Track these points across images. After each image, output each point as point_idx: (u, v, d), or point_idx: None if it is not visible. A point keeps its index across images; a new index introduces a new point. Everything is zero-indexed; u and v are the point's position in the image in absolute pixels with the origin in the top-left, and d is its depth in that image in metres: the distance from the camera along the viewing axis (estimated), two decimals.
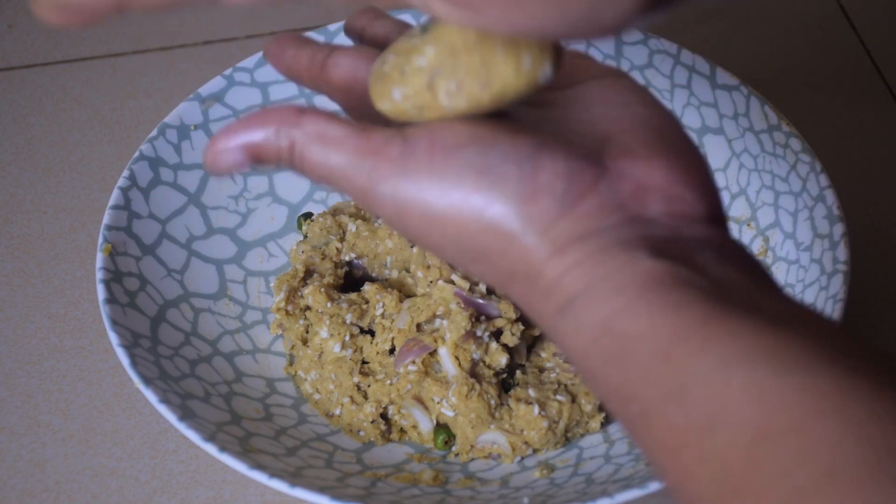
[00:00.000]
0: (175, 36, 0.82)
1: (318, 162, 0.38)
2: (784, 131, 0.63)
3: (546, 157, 0.36)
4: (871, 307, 0.67)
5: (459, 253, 0.37)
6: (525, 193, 0.35)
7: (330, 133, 0.37)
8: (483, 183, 0.36)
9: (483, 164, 0.36)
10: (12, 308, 0.67)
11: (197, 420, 0.54)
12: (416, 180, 0.36)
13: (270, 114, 0.38)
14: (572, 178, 0.36)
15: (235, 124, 0.38)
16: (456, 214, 0.36)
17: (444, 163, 0.36)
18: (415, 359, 0.59)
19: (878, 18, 0.83)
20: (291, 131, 0.38)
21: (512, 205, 0.35)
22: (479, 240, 0.36)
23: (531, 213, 0.35)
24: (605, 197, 0.36)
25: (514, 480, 0.57)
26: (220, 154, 0.38)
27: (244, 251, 0.66)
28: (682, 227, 0.36)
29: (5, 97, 0.78)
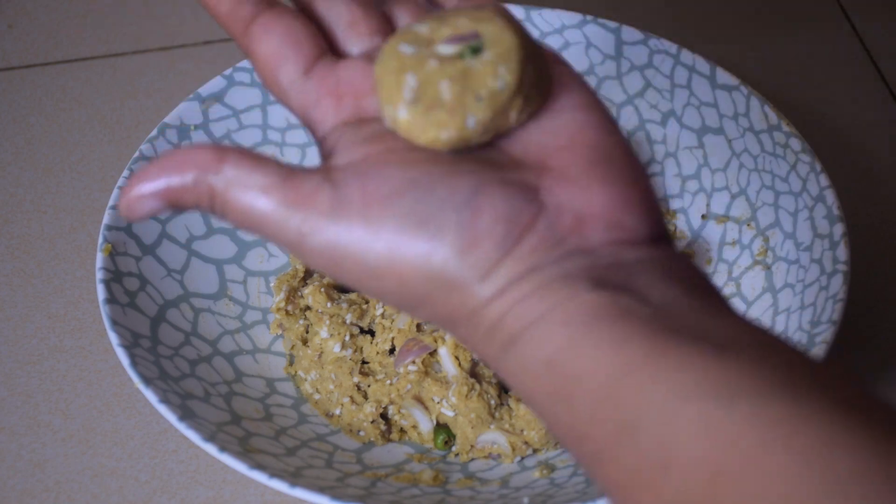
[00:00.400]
0: (175, 36, 0.82)
1: (243, 211, 0.36)
2: (784, 131, 0.63)
3: (484, 201, 0.35)
4: (871, 307, 0.67)
5: (399, 300, 0.36)
6: (465, 241, 0.34)
7: (253, 182, 0.35)
8: (423, 234, 0.34)
9: (422, 214, 0.34)
10: (12, 308, 0.67)
11: (197, 420, 0.54)
12: (350, 231, 0.35)
13: (188, 157, 0.36)
14: (511, 221, 0.35)
15: (151, 168, 0.36)
16: (394, 265, 0.35)
17: (380, 214, 0.35)
18: (415, 359, 0.59)
19: (878, 18, 0.83)
20: (210, 179, 0.35)
21: (453, 254, 0.34)
22: (418, 289, 0.35)
23: (472, 260, 0.34)
24: (545, 235, 0.35)
25: (514, 480, 0.57)
26: (134, 201, 0.36)
27: (244, 251, 0.66)
28: (623, 252, 0.35)
29: (5, 97, 0.78)
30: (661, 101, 0.68)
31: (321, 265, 0.36)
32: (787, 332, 0.58)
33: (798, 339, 0.57)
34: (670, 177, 0.68)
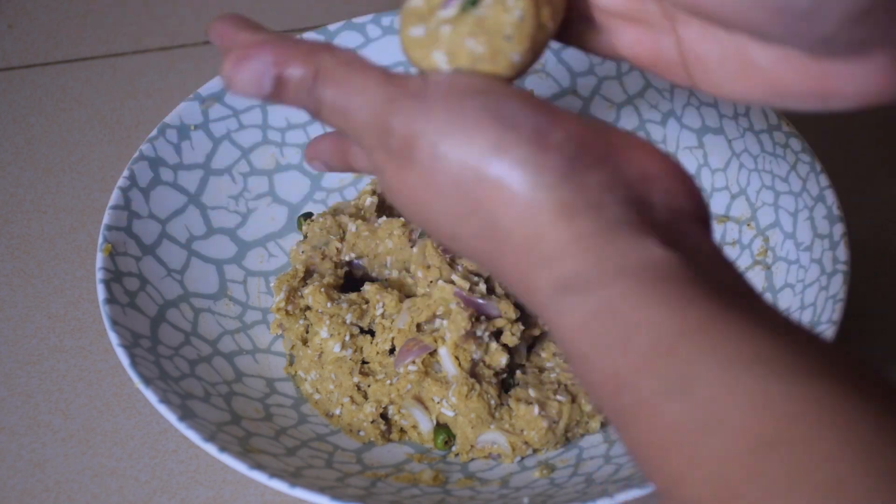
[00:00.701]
0: (175, 36, 0.82)
1: (340, 83, 0.37)
2: (784, 131, 0.63)
3: (560, 121, 0.36)
4: (871, 307, 0.67)
5: (460, 202, 0.36)
6: (538, 144, 0.35)
7: (357, 62, 0.37)
8: (499, 126, 0.35)
9: (500, 111, 0.35)
10: (12, 308, 0.67)
11: (197, 420, 0.54)
12: (430, 115, 0.36)
13: (301, 42, 0.38)
14: (583, 145, 0.35)
15: (267, 42, 0.38)
16: (468, 153, 0.35)
17: (461, 104, 0.36)
18: (415, 359, 0.59)
19: None
20: (320, 54, 0.37)
21: (525, 151, 0.35)
22: (482, 186, 0.35)
23: (542, 163, 0.35)
24: (613, 172, 0.35)
25: (514, 480, 0.57)
26: (244, 62, 0.38)
27: (244, 251, 0.66)
28: (680, 222, 0.36)
29: (5, 97, 0.78)
30: (661, 101, 0.68)
31: (395, 151, 0.36)
32: None
33: None
34: None
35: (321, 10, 0.83)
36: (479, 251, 0.37)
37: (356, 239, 0.64)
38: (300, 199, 0.68)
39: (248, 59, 0.38)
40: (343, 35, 0.69)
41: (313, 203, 0.68)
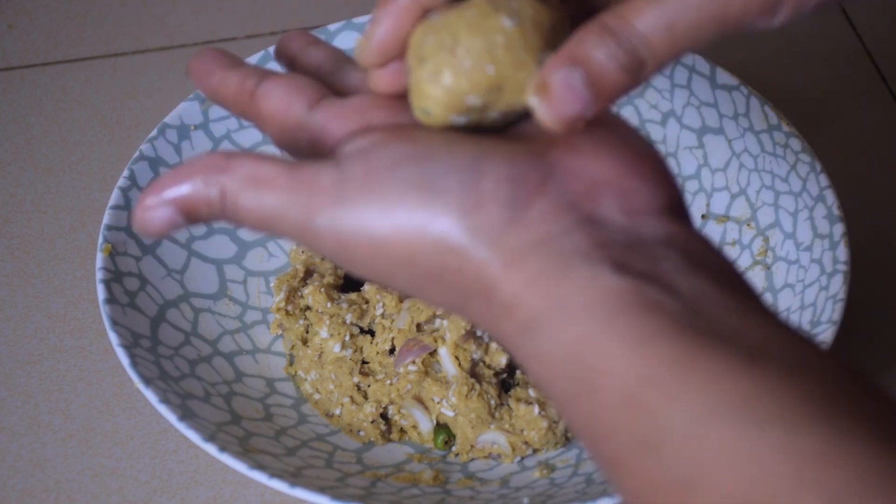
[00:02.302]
0: (175, 36, 0.82)
1: (252, 207, 0.35)
2: (784, 131, 0.63)
3: (488, 164, 0.34)
4: (871, 307, 0.67)
5: (411, 278, 0.35)
6: (469, 203, 0.33)
7: (260, 174, 0.35)
8: (424, 198, 0.34)
9: (423, 180, 0.34)
10: (12, 308, 0.67)
11: (197, 420, 0.54)
12: (354, 207, 0.34)
13: (196, 163, 0.36)
14: (518, 182, 0.34)
15: (161, 179, 0.36)
16: (402, 236, 0.34)
17: (381, 184, 0.34)
18: (415, 359, 0.59)
19: (878, 18, 0.83)
20: (220, 178, 0.35)
21: (457, 217, 0.33)
22: (429, 260, 0.34)
23: (478, 223, 0.33)
24: (555, 198, 0.34)
25: (514, 480, 0.57)
26: (148, 212, 0.36)
27: (244, 251, 0.66)
28: (641, 225, 0.34)
29: (5, 97, 0.78)
30: (661, 101, 0.68)
31: (329, 249, 0.35)
32: None
33: None
34: None
35: (321, 10, 0.83)
36: (447, 307, 0.36)
37: None
38: None
39: (151, 208, 0.36)
40: (343, 35, 0.69)
41: None
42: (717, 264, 0.34)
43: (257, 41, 0.81)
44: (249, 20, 0.82)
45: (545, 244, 0.33)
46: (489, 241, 0.33)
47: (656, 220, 0.34)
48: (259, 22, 0.82)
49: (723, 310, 0.32)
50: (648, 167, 0.35)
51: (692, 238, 0.34)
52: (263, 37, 0.81)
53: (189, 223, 0.36)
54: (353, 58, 0.41)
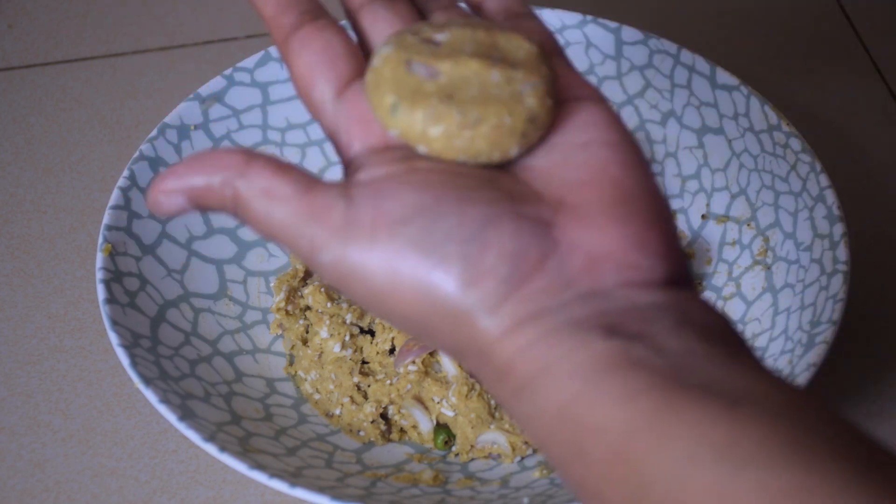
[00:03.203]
0: (175, 36, 0.82)
1: (261, 218, 0.36)
2: (784, 131, 0.63)
3: (492, 237, 0.34)
4: (871, 307, 0.67)
5: (406, 325, 0.35)
6: (469, 277, 0.34)
7: (275, 191, 0.36)
8: (426, 264, 0.34)
9: (427, 243, 0.34)
10: (12, 308, 0.67)
11: (197, 420, 0.54)
12: (358, 254, 0.35)
13: (216, 159, 0.37)
14: (518, 260, 0.34)
15: (180, 166, 0.37)
16: (400, 292, 0.34)
17: (386, 237, 0.34)
18: (415, 359, 0.59)
19: (877, 18, 0.83)
20: (236, 182, 0.36)
21: (456, 288, 0.34)
22: (423, 318, 0.35)
23: (475, 296, 0.34)
24: (554, 276, 0.34)
25: (514, 480, 0.57)
26: (161, 195, 0.37)
27: (244, 251, 0.66)
28: (637, 296, 0.34)
29: (5, 97, 0.78)
30: (661, 101, 0.68)
31: (330, 280, 0.36)
32: (787, 332, 0.58)
33: (798, 339, 0.57)
34: (670, 177, 0.68)
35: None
36: (446, 351, 0.37)
37: None
38: None
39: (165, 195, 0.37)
40: None
41: None
42: (710, 323, 0.35)
43: (257, 41, 0.81)
44: (249, 20, 0.82)
45: (539, 317, 0.34)
46: (484, 314, 0.34)
47: (655, 291, 0.35)
48: (259, 22, 0.82)
49: (708, 362, 0.33)
50: (655, 238, 0.35)
51: (688, 300, 0.35)
52: (263, 37, 0.81)
53: (198, 211, 0.37)
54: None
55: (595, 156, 0.36)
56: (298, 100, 0.68)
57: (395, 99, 0.36)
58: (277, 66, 0.68)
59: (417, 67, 0.37)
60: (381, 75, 0.37)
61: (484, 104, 0.36)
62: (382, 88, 0.36)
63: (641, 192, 0.36)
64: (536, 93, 0.36)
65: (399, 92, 0.36)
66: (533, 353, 0.33)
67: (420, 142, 0.36)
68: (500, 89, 0.36)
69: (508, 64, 0.37)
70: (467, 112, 0.36)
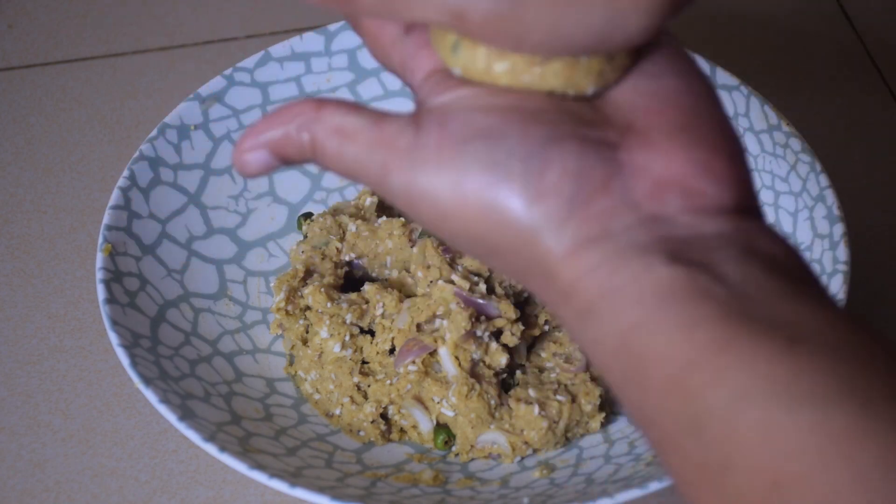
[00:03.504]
0: (175, 36, 0.82)
1: (336, 155, 0.37)
2: (784, 131, 0.63)
3: (555, 155, 0.35)
4: (871, 307, 0.67)
5: (472, 247, 0.36)
6: (532, 193, 0.34)
7: (347, 126, 0.37)
8: (490, 181, 0.35)
9: (490, 161, 0.35)
10: (12, 308, 0.67)
11: (197, 420, 0.54)
12: (425, 175, 0.36)
13: (290, 110, 0.38)
14: (582, 178, 0.34)
15: (259, 123, 0.38)
16: (464, 211, 0.35)
17: (451, 157, 0.35)
18: (415, 359, 0.59)
19: (878, 18, 0.83)
20: (311, 126, 0.37)
21: (519, 204, 0.34)
22: (488, 237, 0.35)
23: (539, 213, 0.34)
24: (618, 197, 0.34)
25: (514, 480, 0.57)
26: (246, 155, 0.38)
27: (244, 251, 0.66)
28: (703, 223, 0.34)
29: (5, 97, 0.78)
30: None
31: (401, 206, 0.37)
32: None
33: None
34: None
35: (321, 11, 0.83)
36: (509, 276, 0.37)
37: (356, 239, 0.64)
38: (300, 198, 0.68)
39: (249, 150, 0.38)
40: (343, 35, 0.69)
41: (313, 203, 0.68)
42: (778, 254, 0.34)
43: (257, 41, 0.81)
44: (249, 20, 0.82)
45: (603, 239, 0.34)
46: (548, 230, 0.34)
47: (721, 218, 0.35)
48: (259, 22, 0.82)
49: (772, 295, 0.33)
50: (721, 164, 0.35)
51: (757, 229, 0.35)
52: (263, 37, 0.81)
53: (282, 164, 0.39)
54: None
55: (666, 84, 0.36)
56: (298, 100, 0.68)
57: (455, 37, 0.36)
58: (277, 66, 0.68)
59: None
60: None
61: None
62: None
63: (710, 118, 0.36)
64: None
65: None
66: (597, 276, 0.34)
67: (485, 79, 0.36)
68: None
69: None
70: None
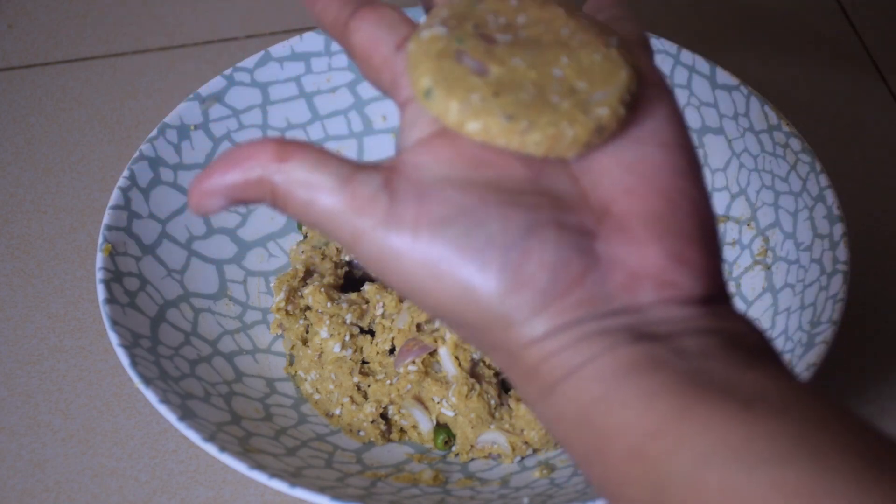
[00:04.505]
0: (175, 36, 0.82)
1: (302, 212, 0.36)
2: (784, 131, 0.63)
3: (534, 245, 0.34)
4: (871, 307, 0.67)
5: (441, 316, 0.36)
6: (508, 284, 0.34)
7: (314, 181, 0.36)
8: (468, 266, 0.34)
9: (469, 246, 0.34)
10: (12, 308, 0.67)
11: (197, 420, 0.54)
12: (399, 248, 0.35)
13: (251, 154, 0.36)
14: (558, 271, 0.34)
15: (217, 165, 0.37)
16: (436, 287, 0.35)
17: (428, 238, 0.35)
18: (415, 359, 0.59)
19: (877, 18, 0.83)
20: (274, 176, 0.36)
21: (494, 293, 0.34)
22: (458, 315, 0.35)
23: (514, 303, 0.34)
24: (593, 291, 0.34)
25: (514, 480, 0.57)
26: (202, 199, 0.37)
27: (244, 251, 0.66)
28: (672, 311, 0.35)
29: (5, 97, 0.78)
30: None
31: (371, 269, 0.36)
32: (787, 332, 0.58)
33: (798, 339, 0.57)
34: None
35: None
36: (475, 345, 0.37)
37: None
38: None
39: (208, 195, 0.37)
40: None
41: None
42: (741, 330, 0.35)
43: (257, 41, 0.81)
44: (249, 20, 0.82)
45: (573, 326, 0.34)
46: (519, 320, 0.34)
47: (690, 307, 0.35)
48: (259, 22, 0.82)
49: (727, 365, 0.33)
50: (696, 255, 0.35)
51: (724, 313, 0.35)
52: (263, 37, 0.81)
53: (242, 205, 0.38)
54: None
55: (648, 157, 0.36)
56: (298, 100, 0.68)
57: (430, 83, 0.35)
58: (277, 67, 0.68)
59: (466, 60, 0.36)
60: (424, 51, 0.36)
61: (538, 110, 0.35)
62: (421, 68, 0.35)
63: (688, 203, 0.36)
64: (609, 102, 0.35)
65: (436, 76, 0.35)
66: (561, 359, 0.34)
67: (458, 131, 0.35)
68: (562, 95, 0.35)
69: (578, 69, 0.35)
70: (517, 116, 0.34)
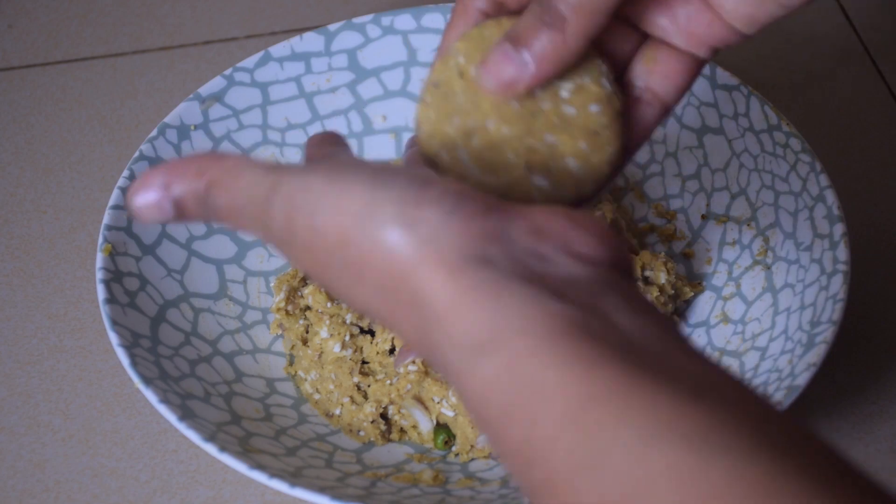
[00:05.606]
0: (175, 36, 0.82)
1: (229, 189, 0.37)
2: (784, 131, 0.63)
3: (438, 182, 0.35)
4: (871, 307, 0.67)
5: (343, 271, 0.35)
6: (411, 198, 0.34)
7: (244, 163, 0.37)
8: (371, 188, 0.34)
9: (375, 176, 0.35)
10: (12, 308, 0.67)
11: (197, 420, 0.54)
12: (310, 188, 0.35)
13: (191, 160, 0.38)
14: (463, 197, 0.34)
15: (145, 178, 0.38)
16: (338, 219, 0.34)
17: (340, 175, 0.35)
18: (415, 359, 0.59)
19: (878, 18, 0.83)
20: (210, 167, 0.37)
21: (397, 208, 0.34)
22: (361, 249, 0.34)
23: (416, 217, 0.33)
24: (497, 225, 0.34)
25: (514, 480, 0.57)
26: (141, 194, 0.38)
27: (244, 251, 0.66)
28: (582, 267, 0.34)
29: (5, 97, 0.78)
30: None
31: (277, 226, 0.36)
32: (787, 331, 0.58)
33: (798, 338, 0.57)
34: (670, 177, 0.68)
35: (321, 10, 0.83)
36: (378, 313, 0.35)
37: None
38: None
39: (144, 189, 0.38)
40: (343, 35, 0.69)
41: None
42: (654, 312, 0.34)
43: (257, 41, 0.81)
44: (249, 20, 0.82)
45: (482, 260, 0.33)
46: (423, 239, 0.33)
47: (597, 268, 0.34)
48: (259, 22, 0.82)
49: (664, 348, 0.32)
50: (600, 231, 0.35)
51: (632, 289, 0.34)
52: (263, 37, 0.81)
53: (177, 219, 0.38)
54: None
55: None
56: (298, 100, 0.68)
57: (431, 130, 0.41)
58: (277, 67, 0.68)
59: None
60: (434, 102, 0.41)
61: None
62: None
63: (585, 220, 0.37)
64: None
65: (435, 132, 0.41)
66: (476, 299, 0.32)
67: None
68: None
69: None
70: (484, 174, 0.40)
